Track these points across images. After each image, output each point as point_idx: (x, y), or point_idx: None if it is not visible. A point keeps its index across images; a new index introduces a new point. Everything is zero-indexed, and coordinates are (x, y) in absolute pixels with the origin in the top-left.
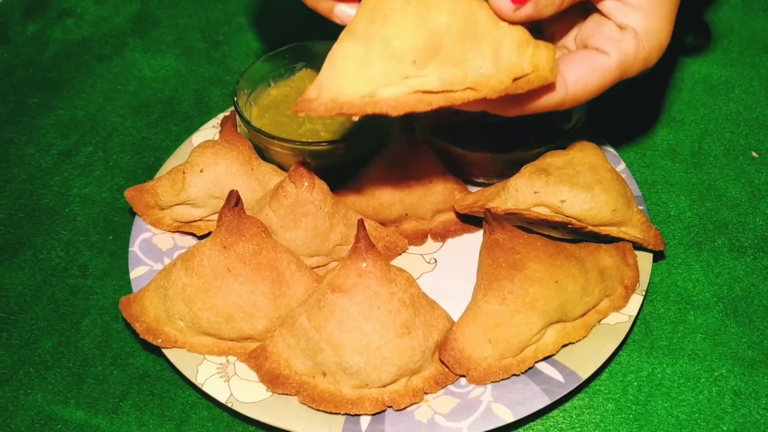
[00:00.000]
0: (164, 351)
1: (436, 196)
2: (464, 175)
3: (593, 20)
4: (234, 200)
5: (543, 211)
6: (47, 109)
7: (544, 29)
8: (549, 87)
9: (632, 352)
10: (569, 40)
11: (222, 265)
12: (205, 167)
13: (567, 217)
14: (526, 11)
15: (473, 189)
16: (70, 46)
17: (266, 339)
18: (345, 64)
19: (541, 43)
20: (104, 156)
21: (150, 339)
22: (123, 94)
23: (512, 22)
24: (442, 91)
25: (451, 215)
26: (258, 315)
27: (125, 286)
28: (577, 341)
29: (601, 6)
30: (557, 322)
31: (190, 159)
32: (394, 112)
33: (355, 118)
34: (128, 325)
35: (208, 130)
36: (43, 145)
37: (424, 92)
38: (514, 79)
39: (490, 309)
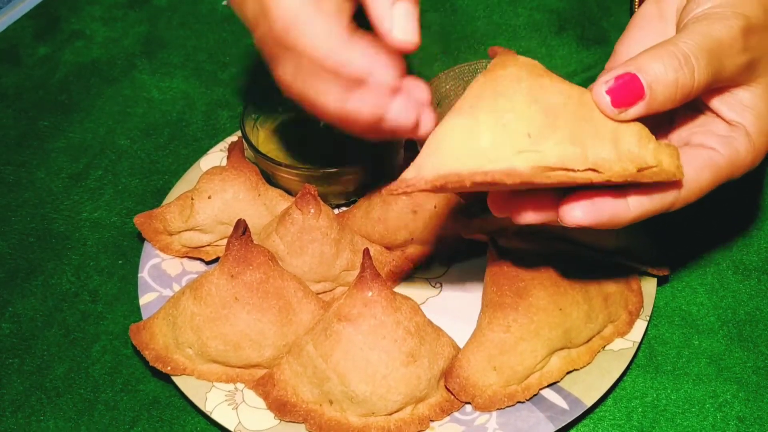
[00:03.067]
0: (173, 378)
1: (442, 220)
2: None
3: (697, 118)
4: (241, 230)
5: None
6: (58, 132)
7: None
8: (665, 187)
9: (637, 377)
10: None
11: (230, 294)
12: (213, 194)
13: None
14: (635, 112)
15: None
16: (80, 68)
17: (274, 366)
18: (449, 137)
19: (663, 142)
20: (114, 180)
21: (159, 366)
22: (132, 117)
23: (615, 121)
24: (562, 169)
25: (457, 240)
26: (265, 343)
27: (135, 311)
28: (581, 368)
29: (710, 102)
30: (561, 348)
31: (198, 186)
32: (508, 180)
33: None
34: (138, 352)
35: (216, 154)
36: (53, 169)
37: (542, 168)
38: (639, 170)
39: (494, 337)
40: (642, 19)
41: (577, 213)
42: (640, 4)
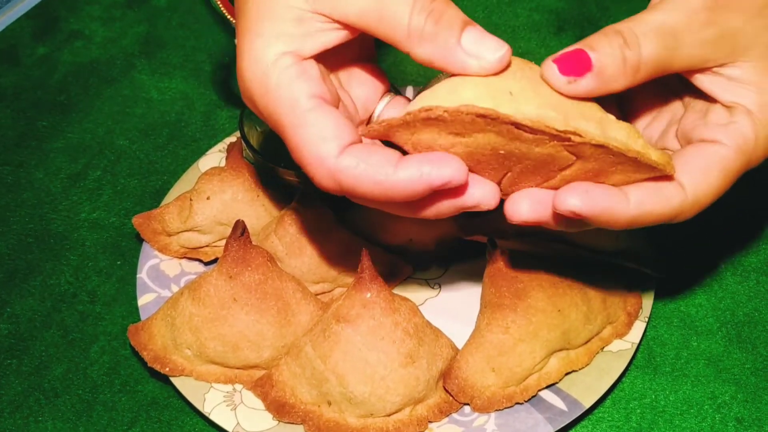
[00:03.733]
0: (172, 379)
1: (441, 221)
2: None
3: (694, 110)
4: (240, 230)
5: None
6: (56, 132)
7: (624, 108)
8: (664, 195)
9: (635, 378)
10: (669, 138)
11: (228, 294)
12: (212, 195)
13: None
14: (585, 86)
15: None
16: (79, 68)
17: (272, 367)
18: (434, 93)
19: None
20: (112, 180)
21: (158, 367)
22: (131, 117)
23: (571, 97)
24: (540, 124)
25: (455, 241)
26: (264, 344)
27: (133, 312)
28: (580, 369)
29: (698, 82)
30: (560, 350)
31: (197, 186)
32: (479, 118)
33: None
34: (136, 353)
35: (215, 155)
36: (52, 169)
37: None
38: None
39: (493, 338)
40: None
41: (573, 200)
42: None
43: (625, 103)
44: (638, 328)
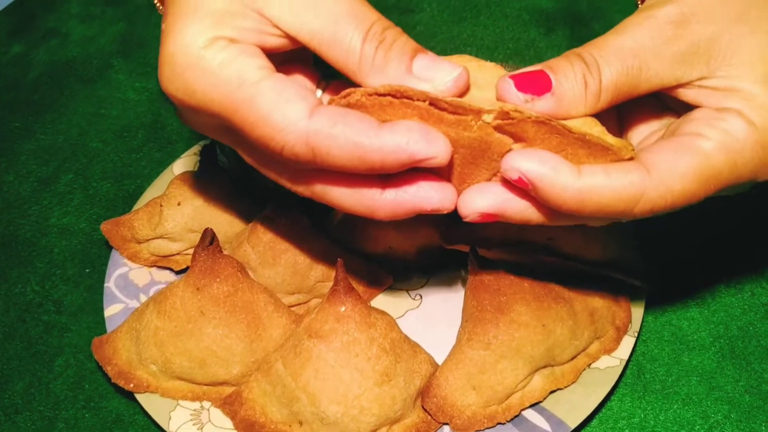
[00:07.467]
0: (137, 396)
1: (422, 231)
2: None
3: (680, 119)
4: (208, 239)
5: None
6: (29, 134)
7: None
8: (621, 170)
9: (624, 396)
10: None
11: (195, 307)
12: (183, 200)
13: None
14: (542, 107)
15: None
16: (55, 67)
17: (242, 384)
18: None
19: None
20: (84, 184)
21: (122, 383)
22: (105, 119)
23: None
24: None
25: (437, 250)
26: (233, 360)
27: (101, 323)
28: (565, 387)
29: (682, 96)
30: (545, 366)
31: (168, 192)
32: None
33: None
34: (101, 367)
35: (190, 158)
36: (23, 172)
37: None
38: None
39: (474, 354)
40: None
41: (521, 161)
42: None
43: (623, 119)
44: (627, 343)
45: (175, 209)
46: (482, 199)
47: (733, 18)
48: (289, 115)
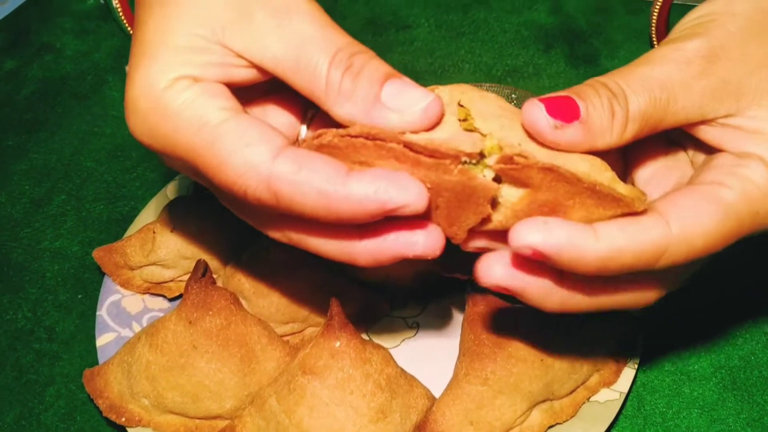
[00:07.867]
0: (128, 430)
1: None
2: None
3: (700, 164)
4: (201, 271)
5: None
6: (21, 153)
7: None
8: (641, 227)
9: (624, 429)
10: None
11: (187, 341)
12: (176, 226)
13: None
14: (571, 135)
15: None
16: (48, 83)
17: (236, 418)
18: None
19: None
20: (77, 205)
21: (113, 417)
22: (99, 137)
23: (554, 148)
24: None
25: (434, 276)
26: (226, 394)
27: (93, 351)
28: (564, 421)
29: (702, 134)
30: (543, 401)
31: (161, 217)
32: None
33: None
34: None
35: (184, 179)
36: (15, 193)
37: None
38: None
39: (471, 390)
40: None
41: (532, 235)
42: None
43: (628, 154)
44: (627, 375)
45: (168, 236)
46: (501, 274)
47: (764, 58)
48: (250, 158)
